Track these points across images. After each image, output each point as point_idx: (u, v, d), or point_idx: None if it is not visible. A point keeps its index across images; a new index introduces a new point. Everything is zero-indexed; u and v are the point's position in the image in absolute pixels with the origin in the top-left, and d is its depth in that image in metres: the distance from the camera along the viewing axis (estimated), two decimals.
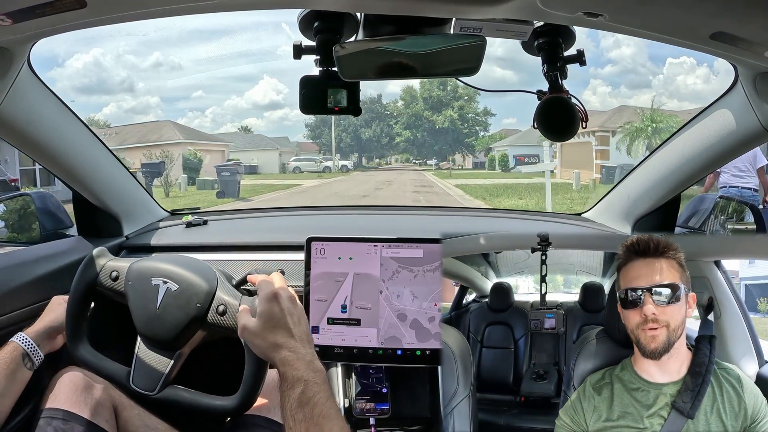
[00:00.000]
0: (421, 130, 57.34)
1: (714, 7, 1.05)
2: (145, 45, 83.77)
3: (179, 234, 2.26)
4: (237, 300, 1.45)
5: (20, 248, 1.95)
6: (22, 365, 1.49)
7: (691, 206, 2.21)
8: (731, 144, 1.68)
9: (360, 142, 59.44)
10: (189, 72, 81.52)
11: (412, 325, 1.62)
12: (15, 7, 1.08)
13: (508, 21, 1.18)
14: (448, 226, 2.35)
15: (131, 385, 1.47)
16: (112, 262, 1.55)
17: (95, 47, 70.07)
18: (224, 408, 1.42)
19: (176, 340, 1.46)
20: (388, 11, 1.16)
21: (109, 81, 70.99)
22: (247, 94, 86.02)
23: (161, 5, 1.14)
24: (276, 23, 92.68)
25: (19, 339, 1.52)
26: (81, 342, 1.53)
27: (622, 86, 68.58)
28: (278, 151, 47.64)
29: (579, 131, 1.36)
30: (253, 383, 1.39)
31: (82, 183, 1.97)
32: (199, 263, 1.56)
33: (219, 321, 1.44)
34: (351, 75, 1.28)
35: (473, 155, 55.65)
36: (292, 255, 1.91)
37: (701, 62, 54.08)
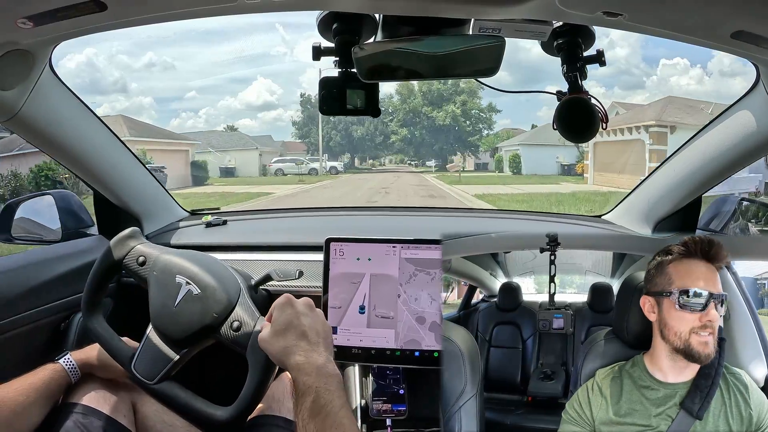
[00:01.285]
0: (419, 127, 52.06)
1: (735, 6, 1.04)
2: (138, 45, 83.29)
3: (199, 234, 2.28)
4: (254, 321, 1.44)
5: (42, 247, 1.97)
6: (62, 387, 1.50)
7: (713, 208, 2.19)
8: (753, 145, 1.66)
9: (352, 141, 54.66)
10: (182, 72, 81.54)
11: (432, 327, 1.62)
12: (36, 11, 1.09)
13: (527, 21, 1.18)
14: (468, 228, 2.34)
15: (132, 369, 1.47)
16: (142, 246, 1.55)
17: (88, 47, 69.38)
18: (215, 417, 1.41)
19: (185, 340, 1.46)
20: (407, 12, 1.16)
21: (102, 81, 70.31)
22: (241, 95, 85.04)
23: (181, 8, 1.15)
24: (270, 24, 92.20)
25: (65, 362, 1.52)
26: (95, 313, 1.54)
27: (616, 87, 68.10)
28: (258, 151, 42.49)
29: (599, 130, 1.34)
30: (250, 398, 1.38)
31: (102, 183, 1.99)
32: (225, 271, 1.56)
33: (231, 336, 1.43)
34: (370, 76, 1.27)
35: (475, 156, 51.55)
36: (311, 255, 1.91)
37: (695, 63, 53.41)
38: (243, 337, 1.42)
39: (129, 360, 1.48)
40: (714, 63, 51.58)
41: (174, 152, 33.19)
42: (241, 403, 1.38)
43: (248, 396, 1.38)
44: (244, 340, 1.41)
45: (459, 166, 45.66)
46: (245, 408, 1.38)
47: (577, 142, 2.03)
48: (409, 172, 47.52)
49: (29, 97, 1.49)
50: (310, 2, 1.17)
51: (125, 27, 1.22)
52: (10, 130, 1.67)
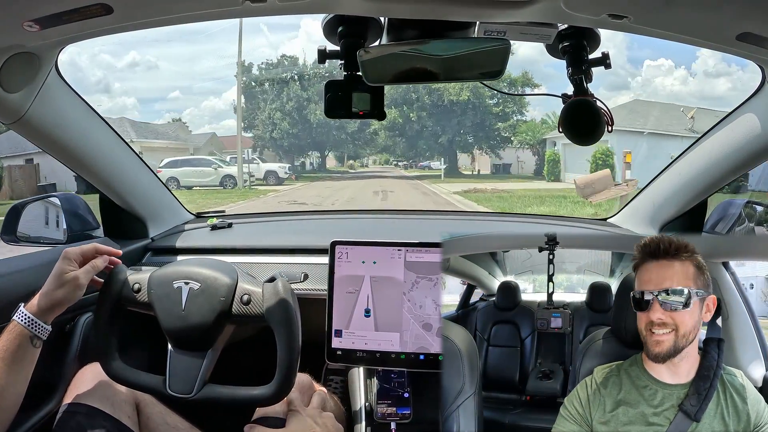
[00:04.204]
0: (417, 108, 35.54)
1: (740, 8, 1.04)
2: (121, 44, 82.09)
3: (204, 236, 2.29)
4: (260, 288, 1.46)
5: (48, 248, 1.98)
6: (29, 347, 1.38)
7: (718, 211, 2.18)
8: (758, 148, 1.65)
9: (312, 131, 38.32)
10: (166, 72, 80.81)
11: (439, 333, 1.63)
12: (43, 14, 1.10)
13: (532, 24, 1.18)
14: (471, 230, 2.35)
15: (168, 391, 1.46)
16: (132, 276, 1.55)
17: (72, 45, 69.45)
18: (263, 396, 1.42)
19: (206, 338, 1.46)
20: (413, 15, 1.16)
21: (84, 81, 69.80)
22: (225, 95, 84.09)
23: (186, 11, 1.15)
24: (254, 25, 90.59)
25: (21, 319, 1.38)
26: (113, 360, 1.51)
27: (601, 88, 67.62)
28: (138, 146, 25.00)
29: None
30: (287, 367, 1.40)
31: (108, 185, 2.00)
32: (218, 261, 1.57)
33: (244, 311, 1.45)
34: (375, 79, 1.28)
35: (494, 153, 35.78)
36: (316, 258, 1.92)
37: (679, 65, 53.02)
38: (256, 306, 1.44)
39: (162, 386, 1.47)
40: (698, 64, 51.14)
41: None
42: (281, 372, 1.41)
43: (285, 362, 1.40)
44: (258, 310, 1.44)
45: (472, 168, 37.07)
46: (287, 375, 1.41)
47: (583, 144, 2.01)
48: (400, 177, 34.36)
49: (35, 100, 1.49)
50: (316, 5, 1.17)
51: (131, 30, 1.22)
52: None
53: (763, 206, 2.23)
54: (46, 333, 1.41)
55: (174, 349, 1.49)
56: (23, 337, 1.37)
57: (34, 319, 1.39)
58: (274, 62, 42.76)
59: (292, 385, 1.43)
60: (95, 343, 1.54)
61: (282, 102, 37.76)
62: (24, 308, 1.40)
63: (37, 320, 1.39)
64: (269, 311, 1.42)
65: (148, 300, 1.49)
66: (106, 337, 1.52)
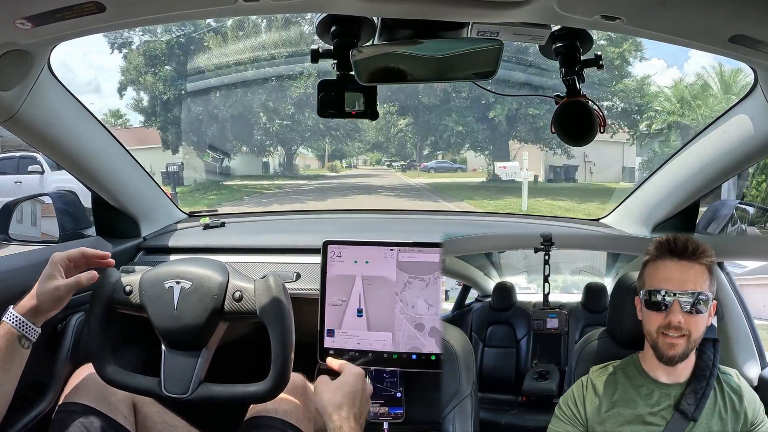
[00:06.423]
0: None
1: (733, 10, 1.04)
2: (112, 44, 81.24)
3: (197, 235, 2.28)
4: (251, 284, 1.46)
5: (39, 247, 1.97)
6: (18, 347, 1.38)
7: (711, 212, 2.19)
8: (751, 149, 1.66)
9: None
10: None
11: (431, 333, 1.63)
12: (35, 11, 1.09)
13: (525, 25, 1.18)
14: (467, 231, 2.35)
15: (164, 392, 1.46)
16: (123, 278, 1.54)
17: (62, 45, 68.50)
18: (260, 393, 1.42)
19: (200, 337, 1.46)
20: (406, 15, 1.16)
21: (75, 82, 69.33)
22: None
23: (179, 9, 1.15)
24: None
25: (10, 319, 1.38)
26: (108, 364, 1.51)
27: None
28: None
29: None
30: (282, 363, 1.41)
31: (100, 184, 1.99)
32: (208, 260, 1.57)
33: (237, 307, 1.45)
34: (368, 79, 1.27)
35: (550, 148, 24.16)
36: (309, 258, 1.92)
37: (671, 65, 52.76)
38: (248, 302, 1.45)
39: (158, 387, 1.46)
40: (690, 64, 51.26)
41: None
42: (276, 368, 1.41)
43: (280, 358, 1.41)
44: (250, 306, 1.44)
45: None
46: (281, 371, 1.42)
47: (576, 145, 2.01)
48: (403, 190, 23.45)
49: (27, 98, 1.49)
50: (309, 5, 1.17)
51: (124, 28, 1.23)
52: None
53: (755, 207, 2.24)
54: (35, 334, 1.40)
55: (168, 349, 1.48)
56: (12, 337, 1.36)
57: (23, 319, 1.38)
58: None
59: (287, 380, 1.43)
60: (89, 347, 1.53)
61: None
62: (13, 309, 1.39)
63: (26, 321, 1.38)
64: (261, 307, 1.42)
65: (140, 302, 1.49)
66: (99, 341, 1.51)
